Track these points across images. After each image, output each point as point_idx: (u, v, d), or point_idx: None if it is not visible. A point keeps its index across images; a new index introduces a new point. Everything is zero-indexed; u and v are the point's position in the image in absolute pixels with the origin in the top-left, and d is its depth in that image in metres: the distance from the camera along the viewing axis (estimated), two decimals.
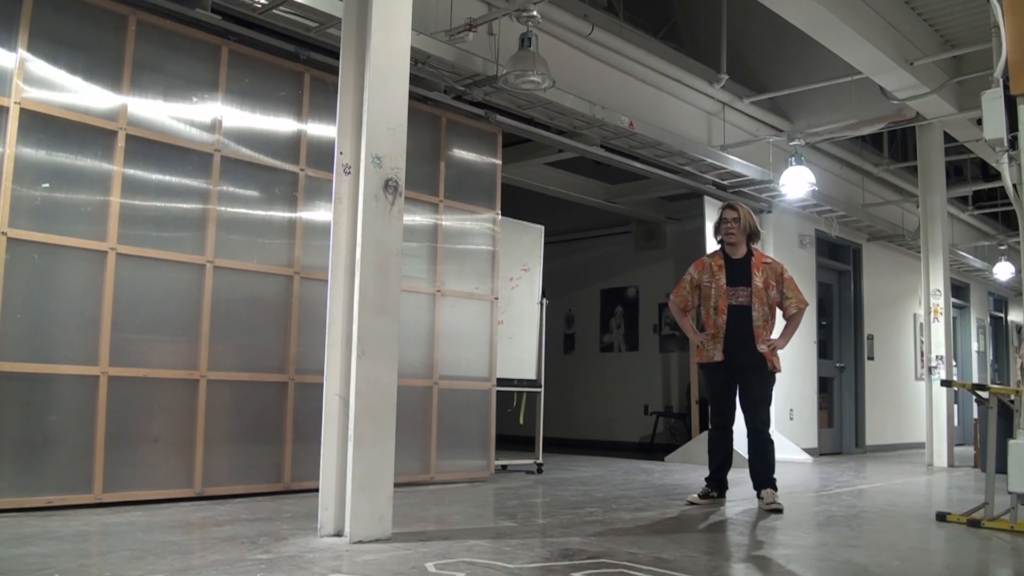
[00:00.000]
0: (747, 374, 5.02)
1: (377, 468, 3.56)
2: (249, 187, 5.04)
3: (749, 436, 5.06)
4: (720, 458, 5.18)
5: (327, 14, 4.91)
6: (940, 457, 8.63)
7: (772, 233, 9.26)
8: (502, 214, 6.42)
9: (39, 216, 4.18)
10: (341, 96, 3.75)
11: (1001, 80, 3.96)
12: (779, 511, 4.75)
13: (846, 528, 4.36)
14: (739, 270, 5.10)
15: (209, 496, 4.63)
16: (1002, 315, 16.37)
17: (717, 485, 5.18)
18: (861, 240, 11.01)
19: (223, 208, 4.88)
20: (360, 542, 3.43)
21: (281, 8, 4.88)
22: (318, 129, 5.35)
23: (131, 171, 4.52)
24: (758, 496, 4.98)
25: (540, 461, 6.89)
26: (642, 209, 10.01)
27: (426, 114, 5.91)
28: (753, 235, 5.19)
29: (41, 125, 4.22)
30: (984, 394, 4.95)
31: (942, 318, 8.83)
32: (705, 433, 8.15)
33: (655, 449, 9.36)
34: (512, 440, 7.32)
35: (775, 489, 4.94)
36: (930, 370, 8.78)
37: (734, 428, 5.20)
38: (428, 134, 5.95)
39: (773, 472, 4.98)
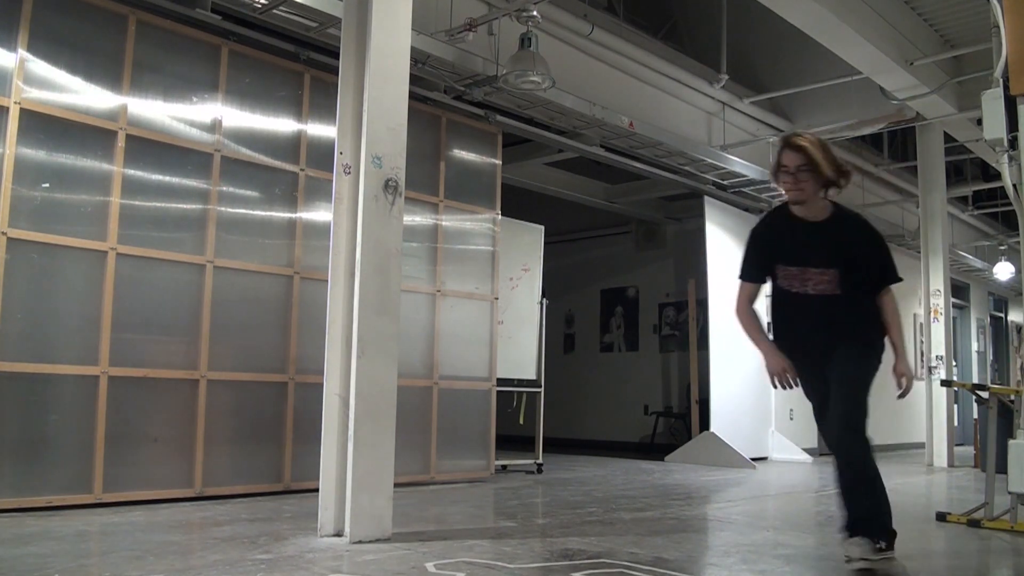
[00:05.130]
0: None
1: (377, 468, 3.56)
2: (249, 187, 5.04)
3: None
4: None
5: (327, 14, 4.91)
6: (940, 457, 8.63)
7: None
8: (502, 214, 6.42)
9: (39, 216, 4.18)
10: (341, 96, 3.75)
11: (1001, 80, 3.96)
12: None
13: None
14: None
15: (209, 496, 4.63)
16: (1002, 315, 16.36)
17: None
18: None
19: (223, 208, 4.88)
20: (360, 542, 3.43)
21: (281, 8, 4.87)
22: (318, 129, 5.35)
23: (131, 171, 4.52)
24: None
25: (540, 461, 6.89)
26: (642, 209, 10.01)
27: (426, 114, 5.91)
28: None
29: (41, 125, 4.22)
30: (984, 394, 4.95)
31: (942, 318, 8.83)
32: (706, 433, 8.21)
33: (655, 449, 9.36)
34: (512, 440, 7.32)
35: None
36: (930, 370, 8.77)
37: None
38: (428, 134, 5.95)
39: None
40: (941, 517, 4.60)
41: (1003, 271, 12.85)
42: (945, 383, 6.27)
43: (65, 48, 4.34)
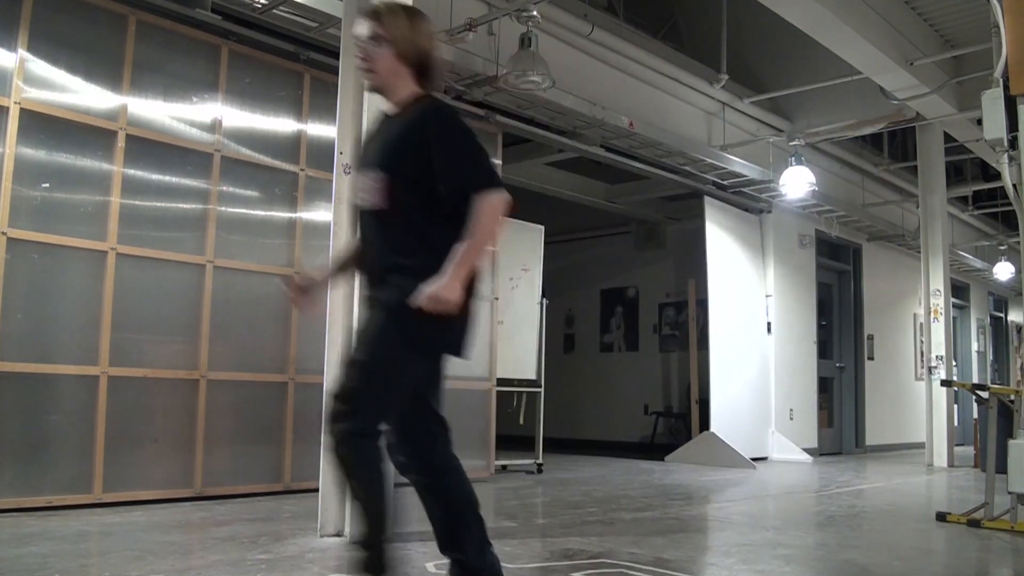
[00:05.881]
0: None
1: None
2: (249, 187, 5.04)
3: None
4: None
5: (327, 14, 4.92)
6: (940, 457, 8.63)
7: (772, 233, 9.26)
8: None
9: (39, 216, 4.18)
10: (341, 96, 3.75)
11: (1001, 80, 3.96)
12: None
13: (846, 528, 4.36)
14: None
15: (209, 496, 4.63)
16: (1002, 315, 16.36)
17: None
18: (861, 240, 11.00)
19: (223, 208, 4.88)
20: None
21: (281, 8, 4.88)
22: (318, 129, 5.35)
23: (131, 171, 4.52)
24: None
25: (540, 461, 6.88)
26: (642, 209, 10.01)
27: None
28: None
29: (41, 125, 4.22)
30: (984, 394, 4.95)
31: (942, 318, 8.83)
32: (706, 433, 8.22)
33: (655, 449, 9.35)
34: (512, 440, 7.32)
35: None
36: (930, 370, 8.77)
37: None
38: None
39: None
40: (941, 517, 4.60)
41: (1003, 271, 12.85)
42: (945, 383, 6.27)
43: (65, 48, 4.34)
